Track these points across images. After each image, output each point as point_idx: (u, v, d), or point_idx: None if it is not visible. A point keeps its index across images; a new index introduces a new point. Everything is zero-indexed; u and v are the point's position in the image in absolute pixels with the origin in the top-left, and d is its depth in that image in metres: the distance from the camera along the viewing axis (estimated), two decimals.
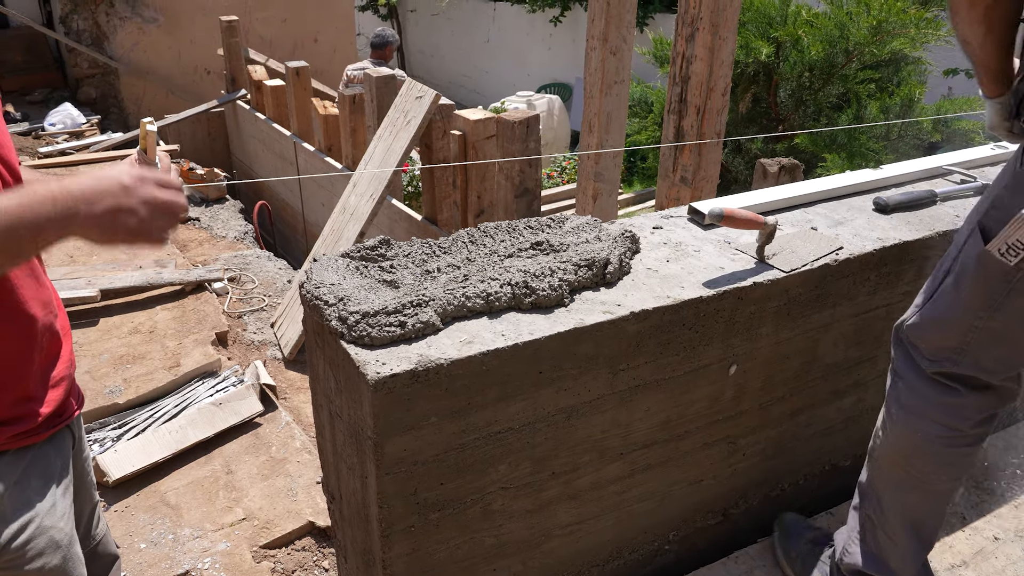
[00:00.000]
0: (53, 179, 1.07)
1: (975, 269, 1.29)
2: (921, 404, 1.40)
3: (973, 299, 1.31)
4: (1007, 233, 1.20)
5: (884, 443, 1.48)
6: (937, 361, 1.38)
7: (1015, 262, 1.21)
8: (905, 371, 1.43)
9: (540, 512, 1.52)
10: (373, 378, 1.21)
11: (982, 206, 1.32)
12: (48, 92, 8.54)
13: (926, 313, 1.39)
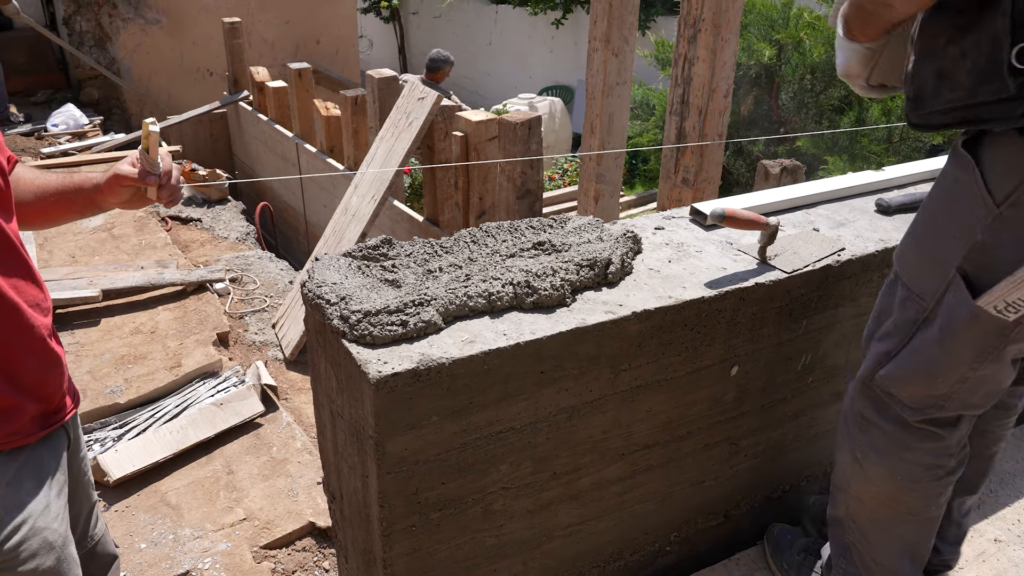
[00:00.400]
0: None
1: (968, 324, 1.18)
2: (901, 451, 1.33)
3: (965, 352, 1.21)
4: (1005, 291, 1.10)
5: (862, 486, 1.41)
6: (920, 410, 1.29)
7: (1014, 318, 1.13)
8: (879, 420, 1.34)
9: (541, 512, 1.52)
10: (375, 377, 1.21)
11: (949, 250, 1.18)
12: (51, 93, 8.56)
13: (905, 365, 1.27)
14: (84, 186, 1.44)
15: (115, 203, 1.44)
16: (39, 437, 1.31)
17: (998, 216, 1.10)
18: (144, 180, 1.38)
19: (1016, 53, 0.98)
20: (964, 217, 1.15)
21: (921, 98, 1.15)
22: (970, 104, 1.06)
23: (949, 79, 1.08)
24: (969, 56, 1.05)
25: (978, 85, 1.04)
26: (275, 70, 8.19)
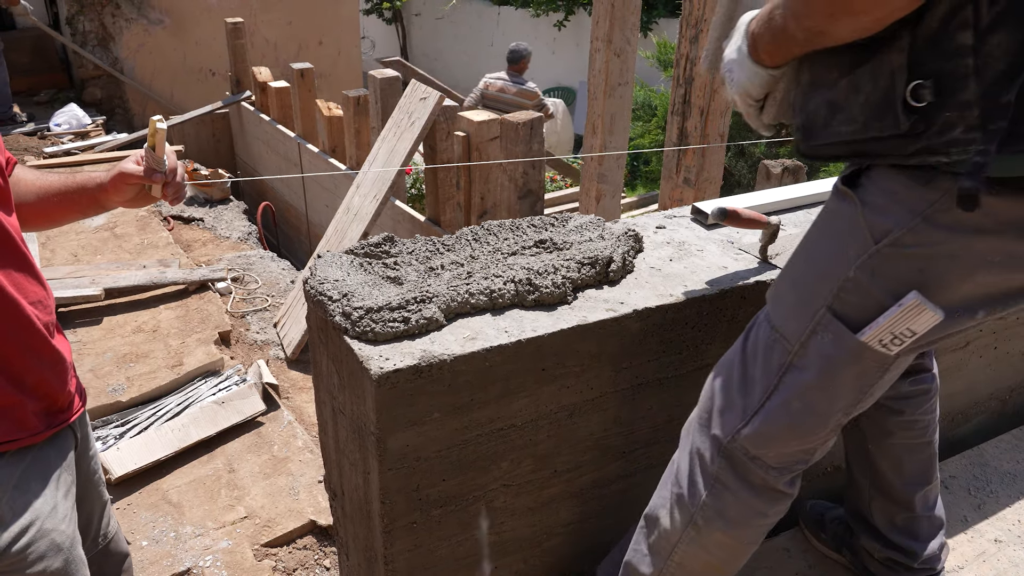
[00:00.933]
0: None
1: (849, 362, 1.12)
2: (753, 517, 1.26)
3: (845, 395, 1.16)
4: (891, 323, 1.06)
5: (692, 552, 1.31)
6: (786, 468, 1.23)
7: (897, 351, 1.09)
8: (738, 486, 1.25)
9: (542, 510, 1.52)
10: (376, 373, 1.22)
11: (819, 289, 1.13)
12: (54, 93, 8.57)
13: (775, 420, 1.19)
14: (87, 185, 1.44)
15: (119, 201, 1.44)
16: (45, 437, 1.31)
17: (875, 253, 1.06)
18: (150, 178, 1.38)
19: (911, 90, 0.95)
20: (839, 254, 1.10)
21: (811, 129, 1.10)
22: (862, 139, 1.02)
23: (842, 112, 1.04)
24: (863, 90, 1.01)
25: (871, 120, 1.00)
26: (277, 70, 8.20)
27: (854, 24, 0.98)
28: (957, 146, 0.92)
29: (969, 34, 0.90)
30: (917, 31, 0.94)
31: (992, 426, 2.23)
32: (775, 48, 1.12)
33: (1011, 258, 1.00)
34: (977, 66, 0.90)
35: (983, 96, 0.90)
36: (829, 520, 1.75)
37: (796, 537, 1.81)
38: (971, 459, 2.05)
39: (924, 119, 0.95)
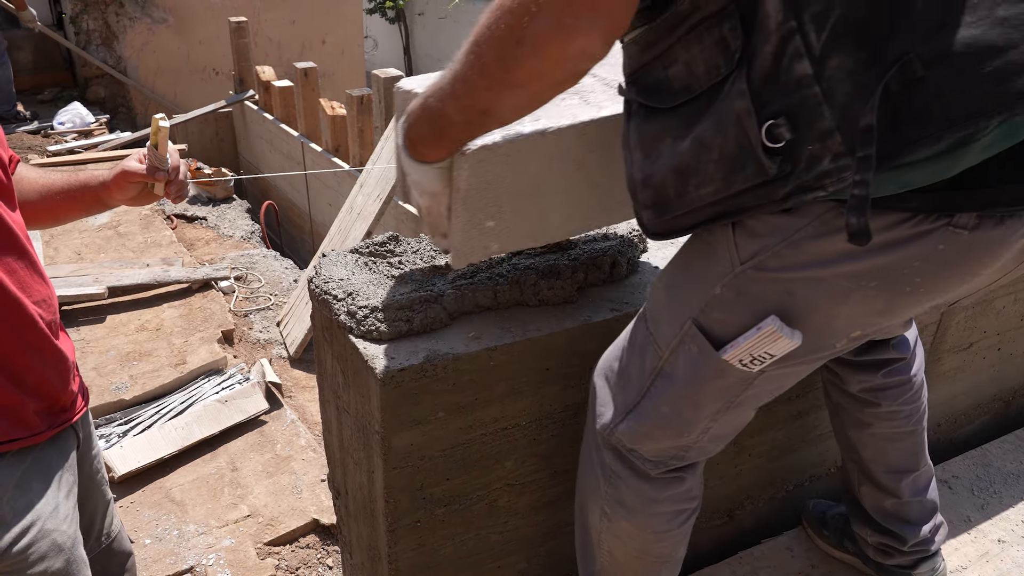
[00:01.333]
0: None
1: (711, 376, 1.12)
2: (646, 503, 1.27)
3: (710, 404, 1.15)
4: (750, 345, 1.04)
5: (612, 543, 1.34)
6: (661, 462, 1.23)
7: (759, 369, 1.08)
8: (625, 473, 1.26)
9: (545, 509, 1.52)
10: (381, 372, 1.22)
11: (688, 300, 1.12)
12: (58, 91, 8.58)
13: (647, 419, 1.20)
14: (90, 183, 1.44)
15: (121, 200, 1.44)
16: (47, 437, 1.31)
17: (740, 273, 1.03)
18: (152, 176, 1.38)
19: (766, 131, 0.89)
20: (708, 269, 1.08)
21: (665, 202, 1.04)
22: (726, 196, 0.97)
23: (695, 175, 0.98)
24: (712, 146, 0.95)
25: (732, 174, 0.94)
26: (281, 69, 8.21)
27: (515, 99, 0.95)
28: (830, 177, 0.88)
29: (806, 63, 0.86)
30: (751, 73, 0.90)
31: (996, 427, 2.23)
32: (435, 138, 1.06)
33: (886, 279, 0.96)
34: (824, 92, 0.86)
35: (841, 120, 0.85)
36: (830, 517, 1.75)
37: (799, 536, 1.81)
38: (975, 460, 2.05)
39: (789, 158, 0.90)
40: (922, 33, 0.82)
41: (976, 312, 1.95)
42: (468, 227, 1.20)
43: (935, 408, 2.06)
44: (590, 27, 0.86)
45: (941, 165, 0.86)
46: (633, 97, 1.08)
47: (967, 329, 1.97)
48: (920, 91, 0.82)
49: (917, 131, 0.83)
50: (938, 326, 1.91)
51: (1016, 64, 0.81)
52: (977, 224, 0.90)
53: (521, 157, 1.20)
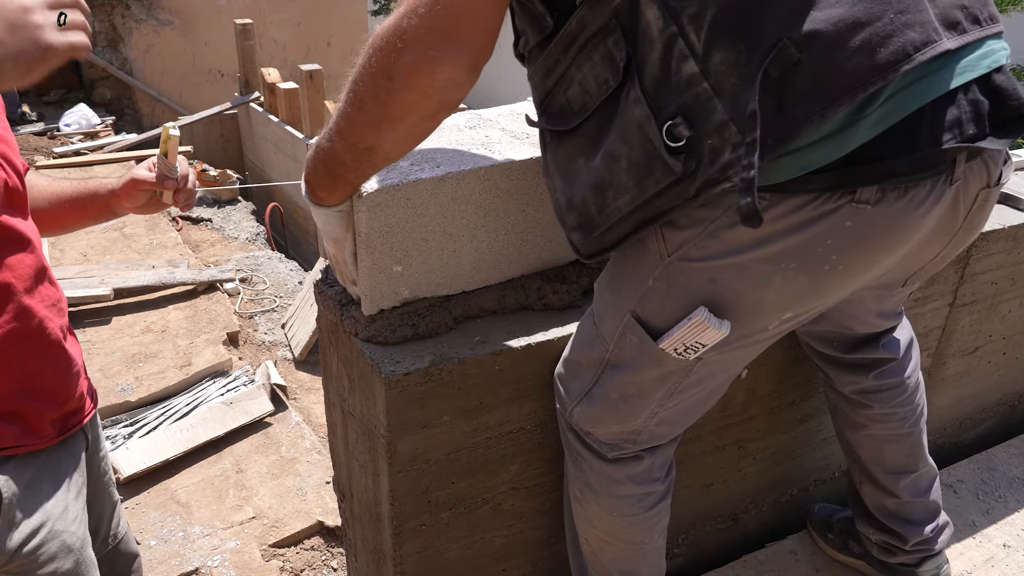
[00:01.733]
0: None
1: (651, 365, 1.16)
2: (608, 484, 1.30)
3: (654, 391, 1.19)
4: (682, 335, 1.08)
5: (586, 528, 1.39)
6: (615, 445, 1.27)
7: (694, 357, 1.11)
8: (586, 453, 1.31)
9: (551, 513, 1.53)
10: (387, 376, 1.22)
11: (626, 293, 1.15)
12: (64, 93, 8.62)
13: (597, 405, 1.24)
14: (99, 191, 1.45)
15: (130, 208, 1.45)
16: (57, 441, 1.31)
17: (668, 265, 1.07)
18: (162, 184, 1.39)
19: (666, 132, 0.93)
20: (641, 263, 1.12)
21: (589, 220, 1.08)
22: (643, 202, 1.00)
23: (611, 187, 1.02)
24: (620, 156, 0.99)
25: (643, 179, 0.98)
26: (286, 71, 8.23)
27: (395, 133, 1.00)
28: (733, 167, 0.91)
29: (692, 63, 0.91)
30: (644, 81, 0.95)
31: (1001, 431, 2.22)
32: (330, 180, 1.10)
33: (802, 259, 0.99)
34: (714, 87, 0.90)
35: (733, 111, 0.89)
36: (836, 521, 1.75)
37: (803, 540, 1.81)
38: (980, 464, 2.05)
39: (692, 155, 0.94)
40: (792, 18, 0.87)
41: (982, 316, 1.95)
42: (375, 271, 1.25)
43: (940, 412, 2.06)
44: (453, 58, 0.92)
45: (835, 143, 0.91)
46: (543, 126, 1.13)
47: (972, 333, 1.97)
48: (799, 73, 0.87)
49: (804, 111, 0.88)
50: (943, 330, 1.91)
51: (880, 35, 0.86)
52: (880, 198, 0.94)
53: (421, 200, 1.23)
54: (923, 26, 0.88)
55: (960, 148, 0.94)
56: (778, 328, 1.12)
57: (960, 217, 1.07)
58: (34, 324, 1.21)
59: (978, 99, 0.95)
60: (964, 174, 1.00)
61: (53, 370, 1.26)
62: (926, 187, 0.96)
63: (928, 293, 1.79)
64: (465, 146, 1.33)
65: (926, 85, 0.91)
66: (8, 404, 1.20)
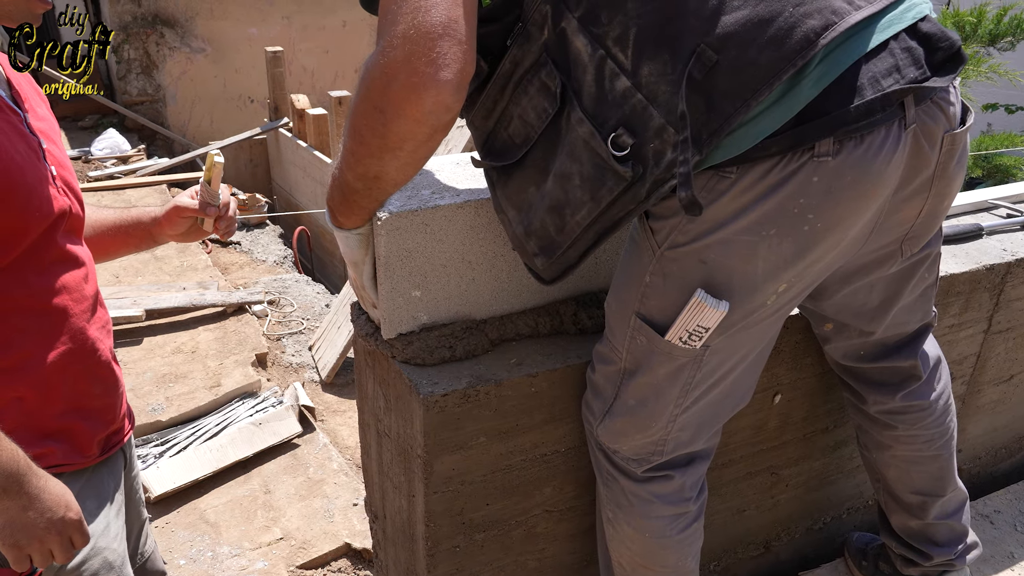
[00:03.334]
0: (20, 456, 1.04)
1: (663, 361, 1.18)
2: (640, 504, 1.31)
3: (670, 389, 1.20)
4: (684, 321, 1.11)
5: (619, 549, 1.38)
6: (643, 459, 1.28)
7: (700, 343, 1.13)
8: (616, 473, 1.32)
9: (584, 537, 1.52)
10: (425, 397, 1.24)
11: (629, 297, 1.18)
12: (98, 118, 8.82)
13: (617, 416, 1.26)
14: (142, 219, 1.47)
15: (172, 235, 1.47)
16: (100, 460, 1.33)
17: (660, 257, 1.11)
18: (204, 212, 1.41)
19: (611, 143, 1.01)
20: (637, 263, 1.16)
21: (550, 242, 1.13)
22: (599, 212, 1.06)
23: (567, 205, 1.08)
24: (572, 173, 1.05)
25: (596, 191, 1.04)
26: (315, 98, 8.37)
27: (397, 161, 1.03)
28: (676, 165, 0.98)
29: (623, 79, 0.99)
30: (583, 102, 1.03)
31: None
32: (346, 206, 1.15)
33: (780, 223, 1.03)
34: (648, 97, 0.98)
35: (668, 115, 0.97)
36: (870, 550, 1.74)
37: (837, 569, 1.79)
38: (1017, 494, 2.02)
39: (639, 160, 1.01)
40: (704, 25, 0.96)
41: (1017, 344, 1.93)
42: (393, 295, 1.27)
43: (975, 440, 2.04)
44: (438, 83, 0.95)
45: (781, 108, 0.97)
46: (488, 164, 1.18)
47: (1008, 361, 1.95)
48: (720, 72, 0.96)
49: (730, 104, 0.96)
50: (978, 357, 1.89)
51: (784, 28, 0.95)
52: (839, 149, 1.00)
53: (440, 226, 1.26)
54: (820, 12, 0.95)
55: (904, 90, 1.00)
56: (777, 303, 1.14)
57: (932, 164, 1.11)
58: (88, 346, 1.24)
59: (911, 46, 1.02)
60: (919, 116, 1.05)
61: (102, 390, 1.29)
62: (881, 132, 1.01)
63: (963, 320, 1.78)
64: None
65: (855, 42, 0.99)
66: (57, 423, 1.22)
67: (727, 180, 1.02)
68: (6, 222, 1.08)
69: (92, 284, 1.28)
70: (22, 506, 1.05)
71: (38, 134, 1.19)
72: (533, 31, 1.06)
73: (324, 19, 9.61)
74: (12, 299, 1.12)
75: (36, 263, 1.15)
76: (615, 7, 0.99)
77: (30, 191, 1.10)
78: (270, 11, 9.27)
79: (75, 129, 8.49)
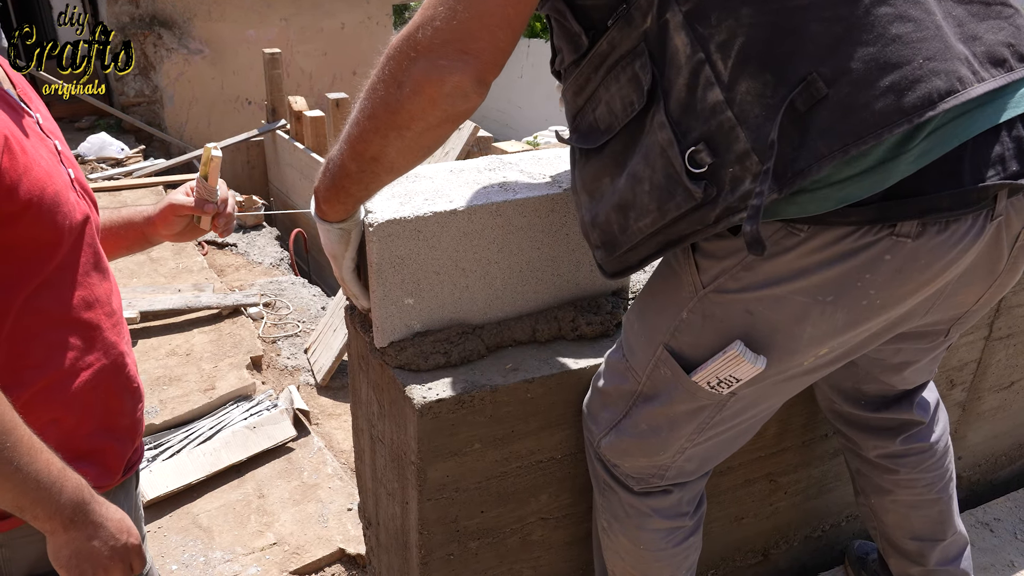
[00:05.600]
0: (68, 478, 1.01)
1: (684, 398, 1.14)
2: (636, 516, 1.29)
3: (685, 425, 1.17)
4: (716, 368, 1.07)
5: (613, 560, 1.37)
6: (642, 479, 1.26)
7: (728, 392, 1.10)
8: (614, 484, 1.29)
9: (580, 544, 1.50)
10: (419, 403, 1.22)
11: (659, 326, 1.14)
12: (95, 120, 8.80)
13: (627, 436, 1.23)
14: (133, 220, 1.39)
15: (167, 235, 1.39)
16: (121, 481, 1.26)
17: (703, 297, 1.07)
18: (201, 209, 1.33)
19: (688, 158, 0.95)
20: (675, 295, 1.12)
21: (612, 240, 1.09)
22: (664, 225, 1.01)
23: (633, 209, 1.03)
24: (643, 178, 1.00)
25: (664, 203, 0.99)
26: (312, 100, 8.35)
27: (401, 142, 1.02)
28: (752, 198, 0.91)
29: (717, 91, 0.92)
30: (669, 105, 0.96)
31: None
32: (335, 192, 1.13)
33: (840, 292, 0.98)
34: (737, 116, 0.91)
35: (755, 142, 0.90)
36: (870, 561, 1.72)
37: None
38: (1017, 502, 2.00)
39: (713, 182, 0.94)
40: (822, 53, 0.88)
41: (1018, 350, 1.92)
42: (386, 302, 1.25)
43: (975, 448, 2.02)
44: (463, 68, 0.95)
45: (875, 177, 0.90)
46: (572, 143, 1.14)
47: (1008, 367, 1.93)
48: (825, 108, 0.88)
49: (827, 146, 0.88)
50: (979, 364, 1.87)
51: (909, 79, 0.87)
52: (921, 231, 0.94)
53: (433, 233, 1.24)
54: (947, 75, 0.88)
55: (1003, 185, 0.93)
56: (814, 363, 1.10)
57: (1003, 257, 1.06)
58: (119, 361, 1.18)
59: (1022, 135, 0.94)
60: (1006, 210, 0.98)
61: (131, 407, 1.23)
62: (967, 222, 0.95)
63: None
64: (483, 185, 1.33)
65: (969, 121, 0.91)
66: (89, 443, 1.16)
67: (796, 237, 0.96)
68: (40, 234, 1.02)
69: (117, 296, 1.21)
70: (88, 536, 1.03)
71: (50, 135, 1.14)
72: (636, 16, 0.98)
73: (322, 21, 9.61)
74: (48, 315, 1.06)
75: (69, 275, 1.09)
76: (727, 9, 0.91)
77: (58, 199, 1.04)
78: (268, 13, 9.26)
79: (72, 130, 8.47)
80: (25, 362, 1.06)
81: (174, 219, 1.36)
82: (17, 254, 1.01)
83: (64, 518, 1.00)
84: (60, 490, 0.99)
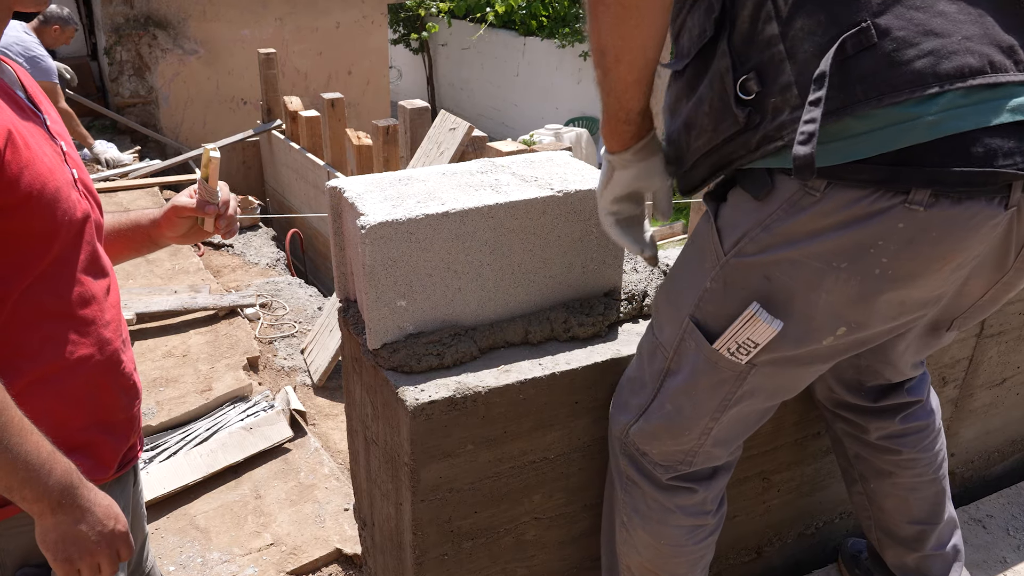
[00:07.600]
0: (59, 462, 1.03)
1: (706, 370, 1.18)
2: (660, 512, 1.31)
3: (707, 401, 1.21)
4: (735, 332, 1.11)
5: (629, 555, 1.39)
6: (670, 467, 1.28)
7: (747, 360, 1.13)
8: (639, 478, 1.32)
9: (574, 544, 1.51)
10: (412, 404, 1.23)
11: (685, 299, 1.19)
12: (90, 120, 8.77)
13: (654, 419, 1.26)
14: (140, 222, 1.42)
15: (172, 237, 1.42)
16: (116, 476, 1.29)
17: (725, 264, 1.12)
18: (203, 210, 1.35)
19: (740, 85, 1.02)
20: (699, 266, 1.16)
21: (680, 156, 1.17)
22: (715, 145, 1.08)
23: (694, 128, 1.11)
24: (705, 100, 1.08)
25: (718, 125, 1.06)
26: (308, 100, 8.34)
27: (608, 16, 1.04)
28: (786, 128, 0.98)
29: (774, 25, 0.99)
30: (733, 35, 1.03)
31: None
32: (604, 119, 1.16)
33: (853, 259, 1.01)
34: (788, 51, 0.98)
35: (799, 75, 0.96)
36: (863, 559, 1.73)
37: (829, 574, 1.78)
38: (1009, 498, 2.01)
39: (757, 110, 1.01)
40: (877, 7, 0.94)
41: (1010, 347, 1.93)
42: (379, 304, 1.26)
43: (967, 444, 2.03)
44: None
45: (885, 136, 0.94)
46: (664, 65, 1.18)
47: (1000, 364, 1.94)
48: (871, 57, 0.94)
49: (863, 91, 0.94)
50: (970, 361, 1.88)
51: (948, 50, 0.93)
52: (933, 202, 0.96)
53: (425, 235, 1.25)
54: (980, 56, 0.93)
55: (1016, 175, 0.94)
56: (833, 344, 1.12)
57: (1012, 251, 1.08)
58: (114, 357, 1.20)
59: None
60: (1019, 202, 1.00)
61: (125, 403, 1.25)
62: (981, 201, 0.97)
63: None
64: (475, 187, 1.34)
65: (990, 108, 0.93)
66: (82, 436, 1.18)
67: (811, 198, 1.00)
68: (38, 227, 1.06)
69: (115, 294, 1.24)
70: (75, 519, 1.05)
71: (57, 136, 1.16)
72: None
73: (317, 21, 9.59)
74: (43, 307, 1.09)
75: (67, 270, 1.12)
76: None
77: (58, 195, 1.08)
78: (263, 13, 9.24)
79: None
80: (20, 352, 1.08)
81: (178, 221, 1.39)
82: (14, 244, 1.04)
83: (52, 500, 1.01)
84: (49, 472, 1.00)
